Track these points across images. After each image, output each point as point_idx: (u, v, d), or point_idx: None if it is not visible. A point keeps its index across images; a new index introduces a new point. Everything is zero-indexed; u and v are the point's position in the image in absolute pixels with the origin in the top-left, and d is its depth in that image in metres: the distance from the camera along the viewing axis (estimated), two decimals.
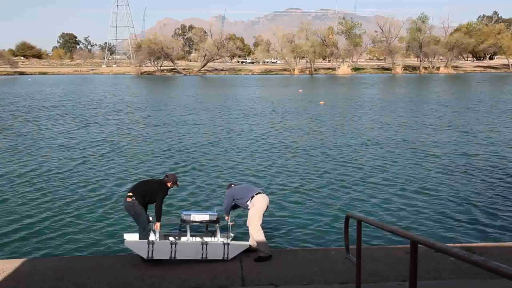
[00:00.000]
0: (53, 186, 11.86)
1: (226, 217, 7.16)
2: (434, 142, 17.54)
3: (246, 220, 6.95)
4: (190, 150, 16.54)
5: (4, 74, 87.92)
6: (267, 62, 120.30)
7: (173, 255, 6.45)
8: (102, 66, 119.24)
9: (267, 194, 7.14)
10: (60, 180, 12.39)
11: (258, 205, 6.78)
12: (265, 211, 6.94)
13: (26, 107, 32.04)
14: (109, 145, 17.61)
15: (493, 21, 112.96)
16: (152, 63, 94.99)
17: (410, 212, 9.69)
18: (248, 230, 6.90)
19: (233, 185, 7.39)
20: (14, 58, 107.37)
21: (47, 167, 13.97)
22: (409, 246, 3.27)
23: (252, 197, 6.84)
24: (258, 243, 6.65)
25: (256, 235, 6.67)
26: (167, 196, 7.26)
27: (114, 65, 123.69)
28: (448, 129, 20.93)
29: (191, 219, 6.80)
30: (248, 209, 6.86)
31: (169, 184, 7.02)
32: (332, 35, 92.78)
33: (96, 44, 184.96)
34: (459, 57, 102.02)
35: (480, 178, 12.31)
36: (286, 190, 11.37)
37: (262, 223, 6.90)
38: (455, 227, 8.81)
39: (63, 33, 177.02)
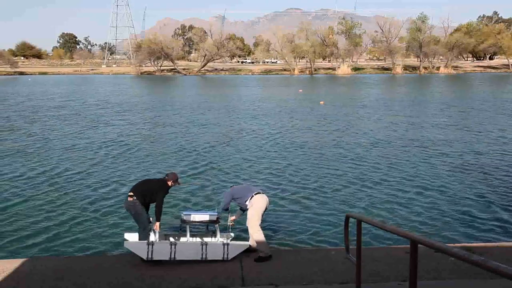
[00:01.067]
0: (53, 186, 11.85)
1: (230, 219, 7.22)
2: (434, 142, 17.54)
3: (246, 220, 6.95)
4: (190, 150, 16.54)
5: (4, 74, 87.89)
6: (267, 62, 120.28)
7: (172, 256, 6.44)
8: (102, 66, 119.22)
9: (266, 194, 7.13)
10: (60, 180, 12.39)
11: (257, 205, 6.78)
12: (264, 211, 6.94)
13: (33, 107, 31.92)
14: (110, 145, 17.61)
15: (493, 21, 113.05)
16: (152, 63, 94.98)
17: (410, 212, 9.69)
18: (248, 230, 6.90)
19: (234, 186, 7.42)
20: (14, 58, 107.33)
21: (48, 167, 13.96)
22: (409, 246, 3.27)
23: (251, 197, 6.84)
24: (258, 243, 6.65)
25: (256, 235, 6.67)
26: (167, 196, 7.26)
27: (114, 65, 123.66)
28: (447, 129, 20.93)
29: (191, 219, 6.79)
30: (247, 209, 6.86)
31: (169, 183, 7.01)
32: (332, 35, 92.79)
33: (96, 44, 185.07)
34: (459, 57, 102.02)
35: (480, 178, 12.31)
36: (286, 190, 11.37)
37: (262, 223, 6.90)
38: (455, 227, 8.81)
39: (63, 33, 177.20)
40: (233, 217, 7.29)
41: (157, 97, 41.60)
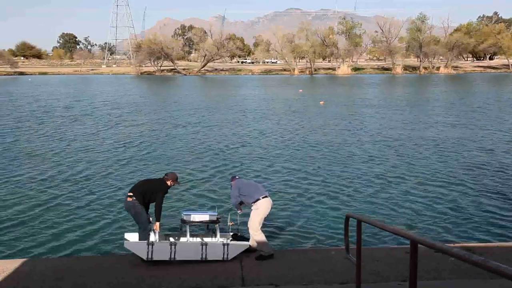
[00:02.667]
0: (53, 186, 11.86)
1: (239, 210, 7.14)
2: (434, 142, 17.54)
3: (246, 220, 6.94)
4: (190, 150, 16.55)
5: (4, 74, 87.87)
6: (267, 62, 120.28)
7: (172, 256, 6.44)
8: (102, 66, 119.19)
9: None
10: (60, 180, 12.39)
11: (262, 210, 6.72)
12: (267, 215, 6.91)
13: (43, 107, 31.83)
14: (111, 145, 17.61)
15: (493, 21, 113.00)
16: (152, 63, 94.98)
17: (410, 212, 9.70)
18: (248, 230, 6.89)
19: (237, 177, 7.30)
20: (14, 58, 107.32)
21: (48, 167, 13.97)
22: (409, 246, 3.27)
23: (258, 199, 6.75)
24: (259, 243, 6.65)
25: (256, 236, 6.66)
26: (167, 197, 7.25)
27: (114, 65, 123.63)
28: (448, 129, 20.92)
29: (191, 219, 6.79)
30: (251, 209, 6.80)
31: (169, 183, 6.99)
32: (332, 35, 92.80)
33: (96, 44, 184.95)
34: (459, 57, 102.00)
35: (480, 178, 12.31)
36: (286, 190, 11.37)
37: (262, 223, 6.88)
38: (455, 227, 8.81)
39: (63, 33, 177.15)
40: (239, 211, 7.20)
41: (162, 97, 41.59)
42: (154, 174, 12.62)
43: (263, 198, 6.78)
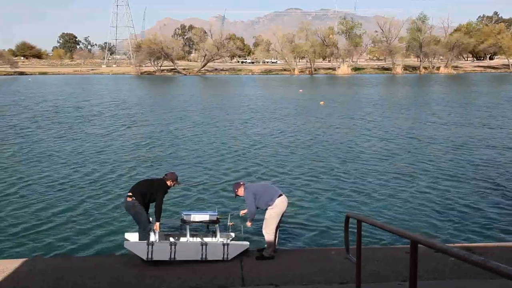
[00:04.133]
0: (53, 186, 11.86)
1: (249, 223, 6.77)
2: (434, 142, 17.54)
3: (246, 221, 6.93)
4: (190, 150, 16.55)
5: (4, 74, 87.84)
6: (267, 62, 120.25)
7: (172, 256, 6.44)
8: (102, 66, 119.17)
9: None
10: (60, 181, 12.39)
11: (280, 208, 6.63)
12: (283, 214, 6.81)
13: (55, 107, 31.80)
14: (113, 145, 17.61)
15: (493, 21, 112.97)
16: (152, 63, 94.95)
17: (410, 212, 9.70)
18: (250, 228, 6.86)
19: (241, 183, 6.98)
20: (14, 58, 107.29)
21: (48, 167, 13.97)
22: (409, 246, 3.27)
23: (276, 198, 6.61)
24: (267, 243, 6.66)
25: (268, 235, 6.64)
26: (167, 197, 7.25)
27: (114, 65, 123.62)
28: (448, 128, 20.92)
29: (191, 219, 6.78)
30: (267, 209, 6.64)
31: (168, 183, 6.99)
32: (332, 35, 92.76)
33: (96, 44, 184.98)
34: (459, 57, 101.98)
35: (481, 178, 12.31)
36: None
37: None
38: (455, 227, 8.81)
39: (63, 33, 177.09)
40: (243, 211, 7.02)
41: (166, 97, 41.53)
42: (154, 174, 12.62)
43: (279, 197, 6.69)
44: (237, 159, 14.98)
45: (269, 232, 6.64)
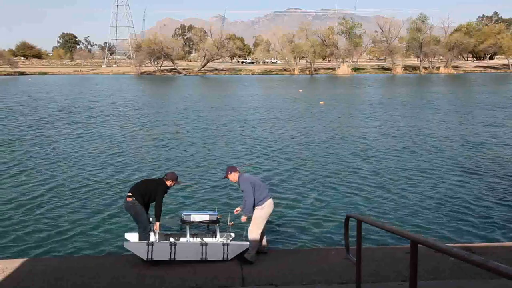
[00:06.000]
0: (54, 187, 11.86)
1: (244, 218, 6.66)
2: (434, 142, 17.53)
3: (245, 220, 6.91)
4: (190, 150, 16.55)
5: (4, 74, 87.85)
6: (267, 62, 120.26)
7: (172, 256, 6.44)
8: (102, 66, 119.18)
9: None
10: (60, 181, 12.39)
11: (267, 210, 6.66)
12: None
13: (67, 107, 31.77)
14: (114, 146, 17.61)
15: (493, 21, 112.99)
16: (152, 63, 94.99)
17: (410, 212, 9.69)
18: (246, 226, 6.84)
19: (237, 168, 6.96)
20: (14, 58, 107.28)
21: (48, 167, 13.96)
22: (409, 246, 3.27)
23: (265, 199, 6.64)
24: (251, 241, 6.58)
25: (253, 235, 6.61)
26: (167, 197, 7.24)
27: (114, 65, 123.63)
28: (448, 128, 20.92)
29: (191, 219, 6.78)
30: (254, 208, 6.64)
31: (168, 183, 6.98)
32: (332, 35, 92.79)
33: (96, 44, 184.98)
34: (459, 57, 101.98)
35: (481, 178, 12.30)
36: (286, 190, 11.37)
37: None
38: (455, 227, 8.81)
39: (63, 33, 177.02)
40: (238, 209, 6.99)
41: (166, 97, 41.51)
42: (155, 174, 12.63)
43: (269, 198, 6.72)
44: (237, 159, 14.98)
45: (255, 233, 6.59)
